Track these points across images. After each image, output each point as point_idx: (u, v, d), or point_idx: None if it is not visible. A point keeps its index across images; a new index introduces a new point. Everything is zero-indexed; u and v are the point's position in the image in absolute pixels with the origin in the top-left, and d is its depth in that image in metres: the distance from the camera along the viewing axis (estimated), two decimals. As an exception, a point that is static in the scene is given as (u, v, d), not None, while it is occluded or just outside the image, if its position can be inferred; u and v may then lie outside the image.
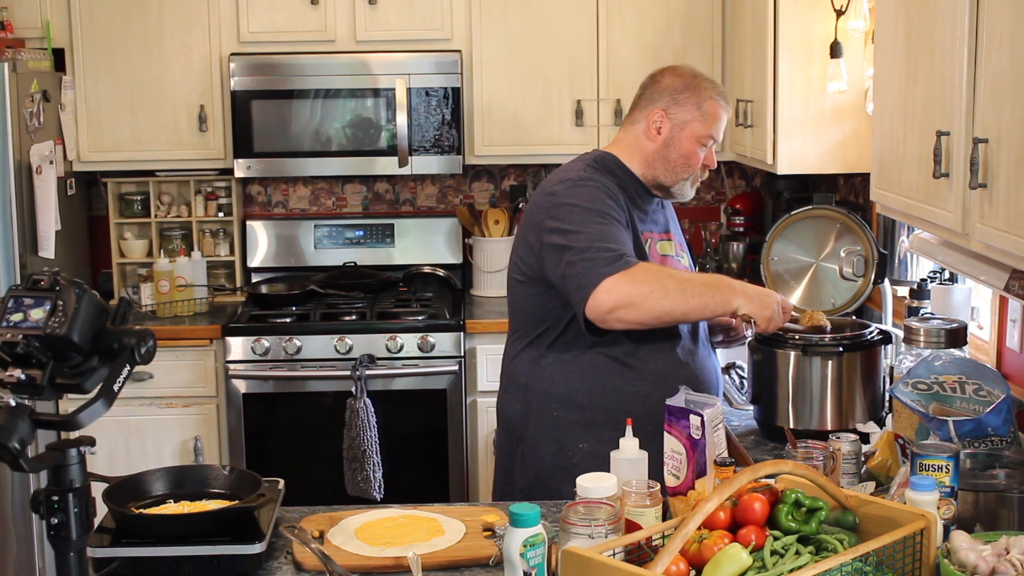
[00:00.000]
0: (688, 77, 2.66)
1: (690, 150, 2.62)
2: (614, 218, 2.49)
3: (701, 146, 2.62)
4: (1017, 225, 1.88)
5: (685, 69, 2.70)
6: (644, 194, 2.65)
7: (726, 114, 2.65)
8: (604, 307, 2.37)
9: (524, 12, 4.28)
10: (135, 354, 1.78)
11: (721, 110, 2.63)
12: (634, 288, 2.36)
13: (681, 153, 2.62)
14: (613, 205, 2.52)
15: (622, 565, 1.68)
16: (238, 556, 1.98)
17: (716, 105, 2.62)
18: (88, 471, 1.82)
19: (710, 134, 2.62)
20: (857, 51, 3.46)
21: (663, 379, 2.49)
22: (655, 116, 2.62)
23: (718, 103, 2.63)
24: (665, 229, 2.71)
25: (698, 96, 2.62)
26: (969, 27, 2.05)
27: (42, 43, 4.22)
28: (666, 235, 2.71)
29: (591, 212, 2.48)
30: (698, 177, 2.67)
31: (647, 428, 2.44)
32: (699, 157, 2.63)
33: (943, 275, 3.13)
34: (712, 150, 2.65)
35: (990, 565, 1.75)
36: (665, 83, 2.64)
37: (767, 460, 1.97)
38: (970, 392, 2.30)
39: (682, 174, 2.64)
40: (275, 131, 4.27)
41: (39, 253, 3.96)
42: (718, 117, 2.63)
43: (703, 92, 2.63)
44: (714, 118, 2.62)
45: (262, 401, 4.07)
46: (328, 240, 4.61)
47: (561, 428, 2.55)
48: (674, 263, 2.68)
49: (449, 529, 2.15)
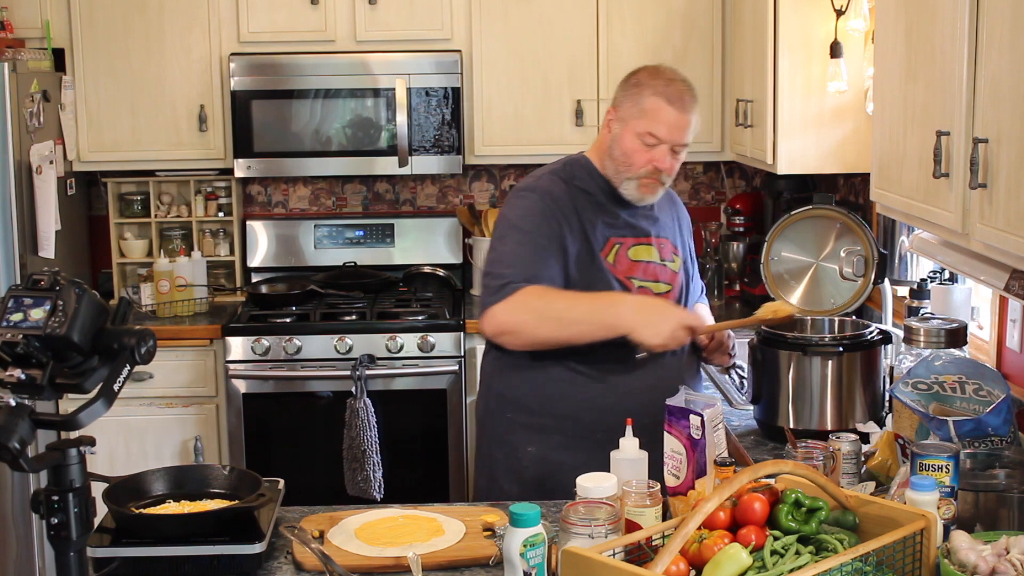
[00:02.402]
0: (644, 74, 2.60)
1: (630, 147, 2.55)
2: (533, 236, 2.51)
3: (644, 145, 2.54)
4: (1017, 225, 1.88)
5: (653, 67, 2.64)
6: (618, 197, 2.62)
7: (674, 112, 2.53)
8: (488, 333, 2.52)
9: (524, 12, 4.28)
10: (135, 354, 1.78)
11: (664, 107, 2.53)
12: (511, 317, 2.46)
13: (623, 150, 2.57)
14: (541, 221, 2.52)
15: (622, 565, 1.68)
16: (238, 556, 1.98)
17: (657, 102, 2.53)
18: (88, 471, 1.82)
19: (649, 131, 2.53)
20: (857, 51, 3.47)
21: (614, 387, 2.50)
22: (609, 113, 2.62)
23: (660, 100, 2.53)
24: (648, 233, 2.65)
25: (641, 92, 2.56)
26: (969, 27, 2.05)
27: (42, 43, 4.22)
28: (646, 239, 2.65)
29: (512, 229, 2.55)
30: (649, 179, 2.57)
31: (596, 435, 2.46)
32: (642, 156, 2.55)
33: (943, 275, 3.13)
34: (666, 153, 2.55)
35: (990, 565, 1.75)
36: (627, 80, 2.63)
37: (767, 460, 1.97)
38: (970, 392, 2.30)
39: (624, 172, 2.58)
40: (275, 131, 4.27)
41: (39, 253, 3.96)
42: (658, 114, 2.53)
43: (647, 88, 2.55)
44: (653, 115, 2.53)
45: (262, 401, 4.07)
46: (328, 240, 4.61)
47: (512, 430, 2.60)
48: (654, 269, 2.63)
49: (449, 529, 2.15)
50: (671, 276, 2.68)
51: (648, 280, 2.63)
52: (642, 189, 2.59)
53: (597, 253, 2.57)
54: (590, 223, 2.58)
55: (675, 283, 2.68)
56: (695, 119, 2.58)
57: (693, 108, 2.57)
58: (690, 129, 2.57)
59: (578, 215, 2.57)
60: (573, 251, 2.55)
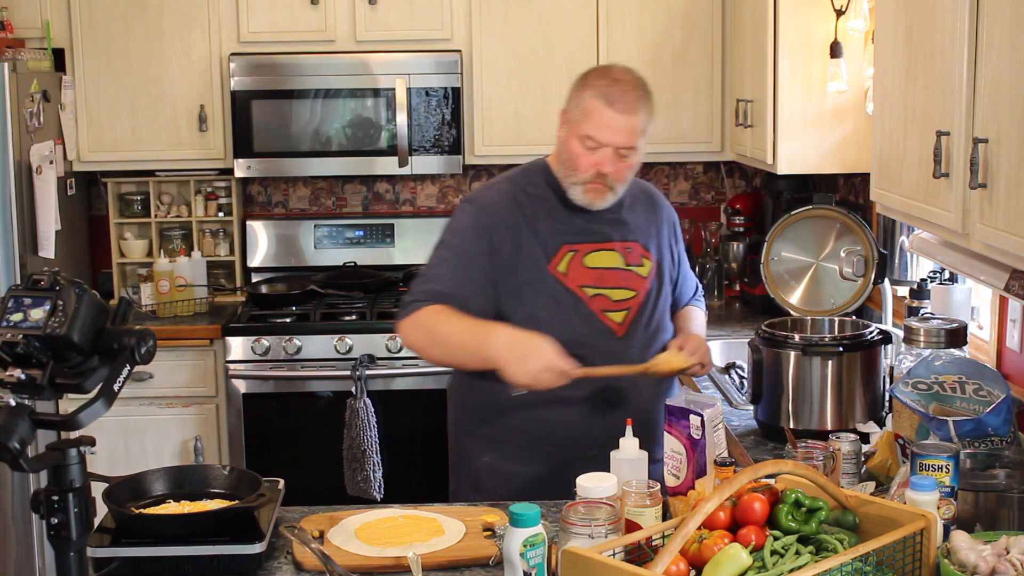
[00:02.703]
0: (592, 74, 2.51)
1: (574, 151, 2.47)
2: (458, 253, 2.49)
3: (587, 148, 2.45)
4: (1017, 225, 1.88)
5: (604, 67, 2.55)
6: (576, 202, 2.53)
7: (613, 114, 2.42)
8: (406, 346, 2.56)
9: (524, 12, 4.28)
10: (135, 354, 1.78)
11: (603, 110, 2.42)
12: (409, 335, 2.48)
13: (568, 154, 2.49)
14: (471, 237, 2.49)
15: (622, 565, 1.68)
16: (238, 556, 1.98)
17: (597, 104, 2.43)
18: (88, 471, 1.82)
19: (588, 133, 2.43)
20: (857, 51, 3.47)
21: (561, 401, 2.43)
22: (561, 115, 2.55)
23: (600, 102, 2.43)
24: (610, 238, 2.56)
25: (583, 93, 2.47)
26: (969, 27, 2.05)
27: (42, 43, 4.22)
28: (606, 244, 2.55)
29: (442, 243, 2.55)
30: (595, 184, 2.48)
31: (546, 447, 2.44)
32: (585, 159, 2.46)
33: (943, 275, 3.13)
34: (610, 157, 2.45)
35: (990, 565, 1.75)
36: (577, 80, 2.55)
37: (767, 460, 1.97)
38: (970, 392, 2.30)
39: (570, 177, 2.50)
40: (275, 131, 4.27)
41: (39, 253, 3.96)
42: (597, 116, 2.43)
43: (589, 89, 2.46)
44: (592, 117, 2.43)
45: (262, 401, 4.07)
46: (328, 240, 4.61)
47: (470, 440, 2.59)
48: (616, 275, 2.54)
49: (449, 529, 2.15)
50: (638, 282, 2.56)
51: (605, 288, 2.52)
52: (589, 194, 2.50)
53: (546, 263, 2.49)
54: (542, 231, 2.51)
55: (642, 289, 2.57)
56: (640, 120, 2.46)
57: (638, 109, 2.45)
58: (634, 132, 2.45)
59: (528, 224, 2.50)
60: (513, 264, 2.48)
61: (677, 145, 4.37)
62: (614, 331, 2.51)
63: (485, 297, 2.48)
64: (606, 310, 2.52)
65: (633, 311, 2.54)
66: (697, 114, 4.34)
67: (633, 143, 2.46)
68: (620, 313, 2.53)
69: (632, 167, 2.51)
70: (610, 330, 2.51)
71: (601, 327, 2.50)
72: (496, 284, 2.49)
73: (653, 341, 2.57)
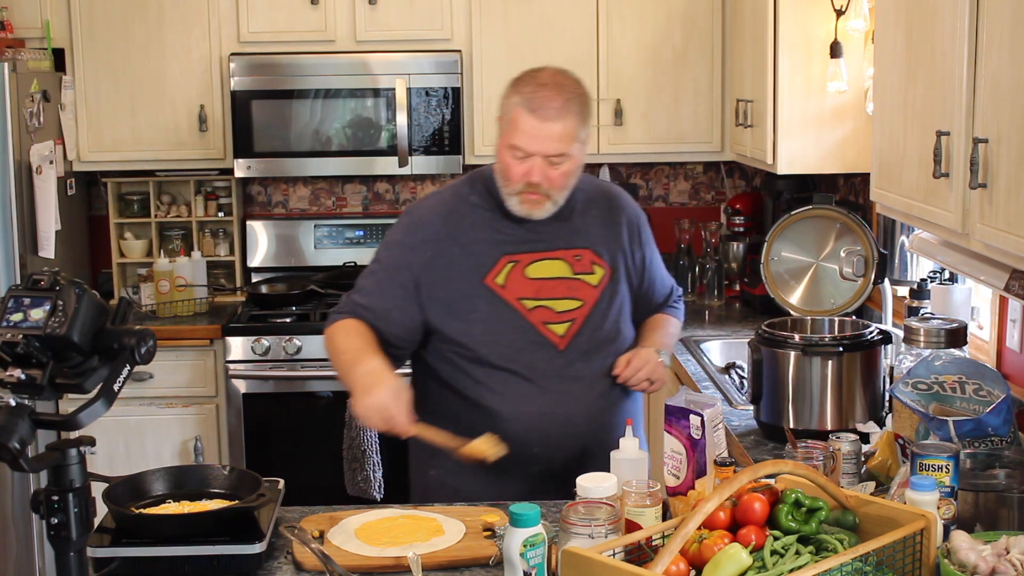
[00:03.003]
0: (519, 80, 2.43)
1: (504, 160, 2.39)
2: (384, 266, 2.51)
3: (515, 158, 2.37)
4: (1017, 225, 1.88)
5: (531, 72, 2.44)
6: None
7: (534, 122, 2.33)
8: None
9: (524, 12, 4.28)
10: (135, 354, 1.78)
11: (524, 117, 2.34)
12: (325, 346, 2.49)
13: (501, 164, 2.42)
14: (398, 253, 2.49)
15: (622, 565, 1.68)
16: (238, 556, 1.98)
17: (519, 112, 2.35)
18: (88, 471, 1.82)
19: (511, 143, 2.36)
20: (857, 51, 3.47)
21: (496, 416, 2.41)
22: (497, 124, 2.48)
23: (521, 110, 2.35)
24: (555, 247, 2.47)
25: (508, 100, 2.40)
26: (969, 27, 2.05)
27: (42, 43, 4.22)
28: (551, 253, 2.46)
29: (376, 256, 2.56)
30: (529, 194, 2.39)
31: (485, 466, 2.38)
32: (515, 169, 2.37)
33: (943, 275, 3.13)
34: (539, 166, 2.35)
35: (990, 565, 1.75)
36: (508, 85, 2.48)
37: (767, 460, 1.97)
38: (970, 392, 2.30)
39: (505, 187, 2.42)
40: (275, 131, 4.27)
41: (39, 253, 3.96)
42: (519, 125, 2.34)
43: (513, 96, 2.39)
44: (515, 125, 2.35)
45: (262, 401, 4.07)
46: (328, 240, 4.61)
47: (420, 453, 2.59)
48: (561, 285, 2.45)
49: (449, 529, 2.15)
50: (586, 291, 2.47)
51: (547, 299, 2.44)
52: (525, 204, 2.41)
53: (482, 276, 2.43)
54: (481, 242, 2.45)
55: (590, 299, 2.47)
56: (568, 126, 2.35)
57: (564, 115, 2.34)
58: (562, 139, 2.34)
59: (464, 236, 2.45)
60: (446, 277, 2.43)
61: (677, 145, 4.37)
62: (554, 344, 2.43)
63: (407, 312, 2.45)
64: (547, 322, 2.44)
65: (578, 322, 2.45)
66: (697, 114, 4.34)
67: (563, 150, 2.35)
68: (563, 325, 2.44)
69: (568, 173, 2.40)
70: (550, 343, 2.43)
71: (540, 340, 2.43)
72: (426, 299, 2.44)
73: (601, 352, 2.47)
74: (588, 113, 2.42)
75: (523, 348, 2.43)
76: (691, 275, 4.48)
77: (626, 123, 4.33)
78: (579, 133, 2.38)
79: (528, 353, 2.43)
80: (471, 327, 2.43)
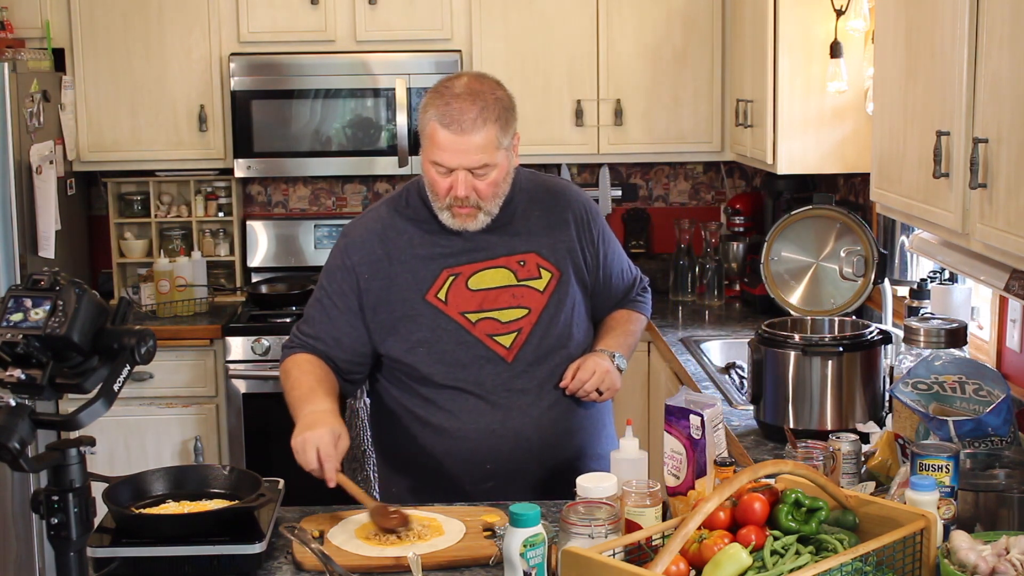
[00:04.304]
0: (431, 92, 2.33)
1: (429, 176, 2.33)
2: (328, 293, 2.44)
3: (438, 173, 2.31)
4: (1017, 225, 1.88)
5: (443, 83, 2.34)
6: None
7: (450, 136, 2.26)
8: None
9: (524, 12, 4.28)
10: (135, 354, 1.78)
11: (440, 132, 2.27)
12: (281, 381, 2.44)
13: (427, 179, 2.36)
14: (339, 277, 2.42)
15: (622, 565, 1.68)
16: (238, 556, 1.98)
17: (434, 127, 2.28)
18: (88, 471, 1.82)
19: (431, 158, 2.30)
20: (857, 51, 3.47)
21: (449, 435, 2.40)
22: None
23: (436, 124, 2.27)
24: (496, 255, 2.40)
25: (424, 114, 2.32)
26: (969, 27, 2.05)
27: (42, 43, 4.22)
28: (492, 262, 2.40)
29: (319, 283, 2.49)
30: (459, 207, 2.33)
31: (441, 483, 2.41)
32: (440, 184, 2.31)
33: (943, 275, 3.13)
34: (463, 179, 2.29)
35: (990, 565, 1.75)
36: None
37: (767, 460, 1.97)
38: (970, 392, 2.30)
39: (434, 202, 2.36)
40: (275, 131, 4.27)
41: (39, 253, 3.96)
42: (436, 139, 2.27)
43: (428, 110, 2.30)
44: (432, 140, 2.28)
45: (262, 401, 4.07)
46: (328, 240, 4.60)
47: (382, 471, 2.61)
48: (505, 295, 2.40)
49: (449, 529, 2.15)
50: (532, 298, 2.40)
51: (492, 310, 2.38)
52: (457, 218, 2.35)
53: (423, 293, 2.38)
54: (420, 257, 2.39)
55: (537, 305, 2.41)
56: (486, 136, 2.27)
57: (480, 126, 2.26)
58: (481, 150, 2.27)
59: (401, 254, 2.40)
60: (386, 299, 2.39)
61: (677, 145, 4.38)
62: (502, 356, 2.39)
63: (355, 337, 2.42)
64: (493, 334, 2.39)
65: (525, 331, 2.40)
66: (697, 114, 4.34)
67: (486, 160, 2.28)
68: (509, 336, 2.39)
69: (495, 183, 2.33)
70: (497, 356, 2.39)
71: (487, 354, 2.38)
72: (371, 321, 2.41)
73: (551, 360, 2.42)
74: (510, 117, 2.34)
75: (469, 364, 2.38)
76: (691, 275, 4.48)
77: (626, 123, 4.33)
78: (501, 140, 2.30)
79: (475, 368, 2.39)
80: (416, 348, 2.39)
